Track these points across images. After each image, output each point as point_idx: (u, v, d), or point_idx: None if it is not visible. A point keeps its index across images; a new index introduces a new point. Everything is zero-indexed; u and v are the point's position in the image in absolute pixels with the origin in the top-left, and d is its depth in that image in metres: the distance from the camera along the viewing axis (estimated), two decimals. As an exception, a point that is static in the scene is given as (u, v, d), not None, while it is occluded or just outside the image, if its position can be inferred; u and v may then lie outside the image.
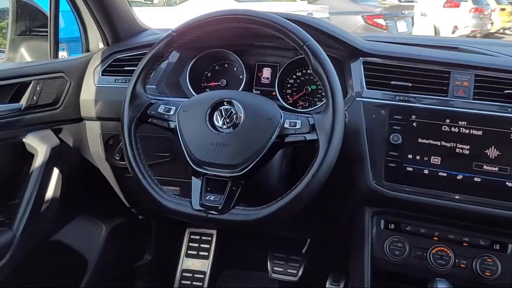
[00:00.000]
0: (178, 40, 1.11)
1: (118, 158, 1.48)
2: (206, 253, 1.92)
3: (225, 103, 1.07)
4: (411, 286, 1.24)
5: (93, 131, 1.48)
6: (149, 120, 1.12)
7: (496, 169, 1.07)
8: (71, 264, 1.62)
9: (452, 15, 10.06)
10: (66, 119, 1.46)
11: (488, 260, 1.10)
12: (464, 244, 1.13)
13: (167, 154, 1.40)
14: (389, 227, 1.19)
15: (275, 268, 1.85)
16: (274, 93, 1.37)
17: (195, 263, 1.91)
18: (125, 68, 1.43)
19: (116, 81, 1.43)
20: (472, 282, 1.11)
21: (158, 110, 1.11)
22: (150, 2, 7.02)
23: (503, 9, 11.96)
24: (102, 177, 1.58)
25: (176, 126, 1.08)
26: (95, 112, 1.44)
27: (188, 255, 1.93)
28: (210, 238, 1.93)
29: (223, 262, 1.99)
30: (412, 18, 7.96)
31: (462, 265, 1.12)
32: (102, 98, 1.43)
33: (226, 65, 1.46)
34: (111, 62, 1.46)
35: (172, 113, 1.10)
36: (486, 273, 1.09)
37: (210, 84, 1.46)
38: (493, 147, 1.07)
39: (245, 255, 2.03)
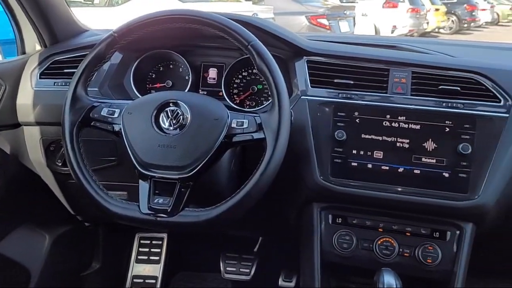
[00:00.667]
0: (120, 41, 1.09)
1: (60, 164, 1.42)
2: (157, 257, 1.89)
3: (171, 104, 1.06)
4: (359, 277, 1.29)
5: (32, 137, 1.42)
6: (92, 124, 1.09)
7: (434, 161, 1.12)
8: (12, 277, 1.54)
9: (391, 15, 10.50)
10: (2, 125, 1.39)
11: (429, 248, 1.16)
12: (407, 234, 1.18)
13: (113, 158, 1.37)
14: (337, 221, 1.22)
15: (227, 269, 1.84)
16: (221, 93, 1.37)
17: (146, 268, 1.88)
18: (65, 71, 1.37)
19: (56, 84, 1.37)
20: (416, 270, 1.17)
21: (101, 113, 1.08)
22: (90, 2, 6.79)
23: (437, 9, 12.65)
24: (43, 184, 1.52)
25: (120, 129, 1.06)
26: (34, 116, 1.38)
27: (138, 261, 1.89)
28: (160, 242, 1.90)
29: (175, 265, 1.97)
30: (354, 18, 8.22)
31: (405, 254, 1.17)
32: (40, 102, 1.37)
33: (171, 66, 1.44)
34: (50, 65, 1.40)
35: (116, 116, 1.07)
36: (428, 260, 1.15)
37: (156, 85, 1.44)
38: (430, 140, 1.13)
39: (197, 257, 2.02)
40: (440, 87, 1.15)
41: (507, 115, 1.11)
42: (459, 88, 1.14)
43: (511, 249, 1.42)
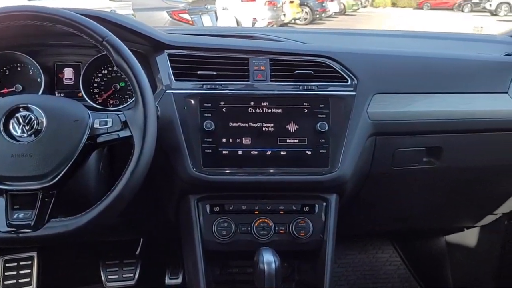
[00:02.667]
0: None
1: None
2: (28, 279, 1.71)
3: (21, 109, 0.97)
4: (242, 261, 1.33)
5: None
6: None
7: (297, 141, 1.20)
8: None
9: (250, 9, 10.88)
10: None
11: (301, 222, 1.24)
12: (281, 212, 1.25)
13: None
14: (215, 210, 1.24)
15: (109, 277, 1.76)
16: (80, 94, 1.29)
17: (16, 294, 1.70)
18: None
19: None
20: (291, 244, 1.24)
21: None
22: None
23: (291, 2, 13.47)
24: None
25: None
26: None
27: (5, 286, 1.70)
28: (30, 262, 1.73)
29: (51, 284, 1.82)
30: (215, 12, 8.34)
31: (281, 231, 1.24)
32: None
33: (19, 69, 1.31)
34: None
35: None
36: (301, 234, 1.23)
37: (2, 91, 1.30)
38: (292, 122, 1.20)
39: (74, 271, 1.89)
40: (296, 71, 1.23)
41: (354, 93, 1.24)
42: (312, 72, 1.23)
43: (370, 213, 1.60)
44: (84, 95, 1.28)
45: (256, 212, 1.25)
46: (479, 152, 1.41)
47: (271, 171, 1.20)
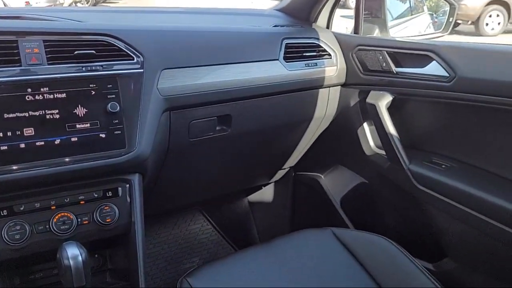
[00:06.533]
0: None
1: None
2: None
3: None
4: (46, 262, 1.22)
5: None
6: None
7: (88, 125, 1.14)
8: None
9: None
10: None
11: (105, 208, 1.19)
12: (81, 203, 1.18)
13: None
14: (2, 214, 1.09)
15: None
16: None
17: None
18: None
19: None
20: (99, 232, 1.19)
21: None
22: None
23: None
24: None
25: None
26: None
27: None
28: None
29: None
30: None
31: (85, 222, 1.17)
32: None
33: None
34: None
35: None
36: (107, 220, 1.19)
37: None
38: (80, 106, 1.13)
39: None
40: (76, 52, 1.15)
41: (142, 70, 1.22)
42: (94, 52, 1.17)
43: (177, 187, 1.64)
44: None
45: (53, 207, 1.15)
46: (263, 116, 1.57)
47: (66, 160, 1.12)
